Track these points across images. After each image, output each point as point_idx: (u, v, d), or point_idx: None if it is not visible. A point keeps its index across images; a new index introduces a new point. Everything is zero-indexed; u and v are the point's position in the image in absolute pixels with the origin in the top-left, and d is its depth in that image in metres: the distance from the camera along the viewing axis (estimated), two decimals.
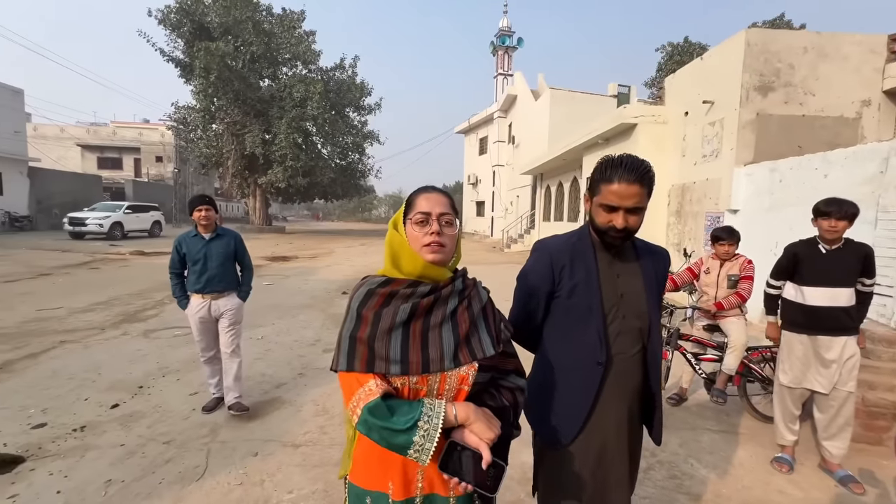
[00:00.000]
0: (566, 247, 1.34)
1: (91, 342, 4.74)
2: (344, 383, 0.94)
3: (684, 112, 7.89)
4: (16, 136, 20.34)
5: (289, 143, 21.83)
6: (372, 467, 0.98)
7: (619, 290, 1.30)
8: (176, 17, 21.42)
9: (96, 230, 16.74)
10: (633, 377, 1.31)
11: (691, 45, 25.08)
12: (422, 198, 1.01)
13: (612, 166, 1.22)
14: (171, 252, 3.06)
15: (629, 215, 1.21)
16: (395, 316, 0.94)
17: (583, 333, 1.29)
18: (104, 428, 2.91)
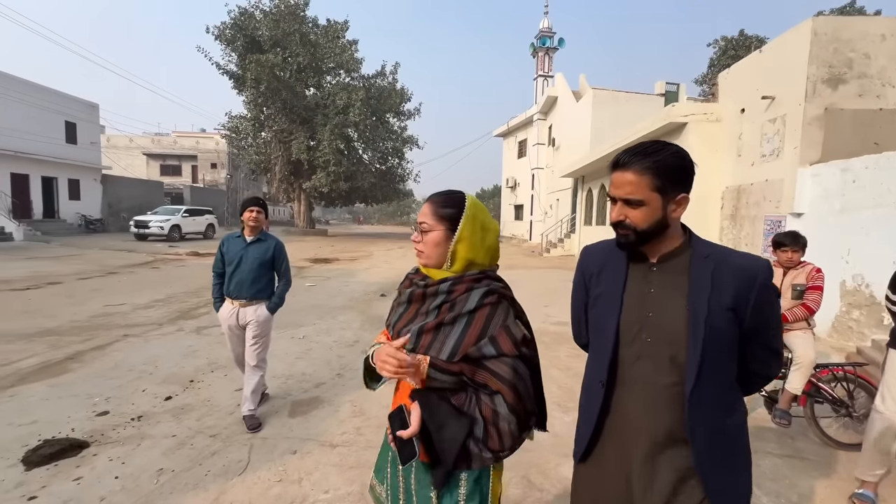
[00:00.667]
0: (601, 253, 1.22)
1: (150, 337, 5.07)
2: None
3: (740, 109, 7.38)
4: (91, 147, 22.39)
5: (332, 149, 22.58)
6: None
7: (648, 307, 1.07)
8: (230, 32, 22.78)
9: (157, 232, 18.05)
10: (660, 416, 1.04)
11: (747, 38, 23.60)
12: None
13: (617, 156, 1.07)
14: (218, 250, 3.07)
15: (625, 208, 1.04)
16: (402, 296, 1.24)
17: (596, 348, 1.18)
18: (158, 418, 3.08)
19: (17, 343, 4.64)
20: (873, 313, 4.75)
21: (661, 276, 1.09)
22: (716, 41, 25.01)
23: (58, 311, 6.11)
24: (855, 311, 4.98)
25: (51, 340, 4.78)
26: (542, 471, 2.57)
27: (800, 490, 2.49)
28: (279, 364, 4.28)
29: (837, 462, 2.79)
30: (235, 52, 23.37)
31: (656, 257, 1.11)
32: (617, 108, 16.43)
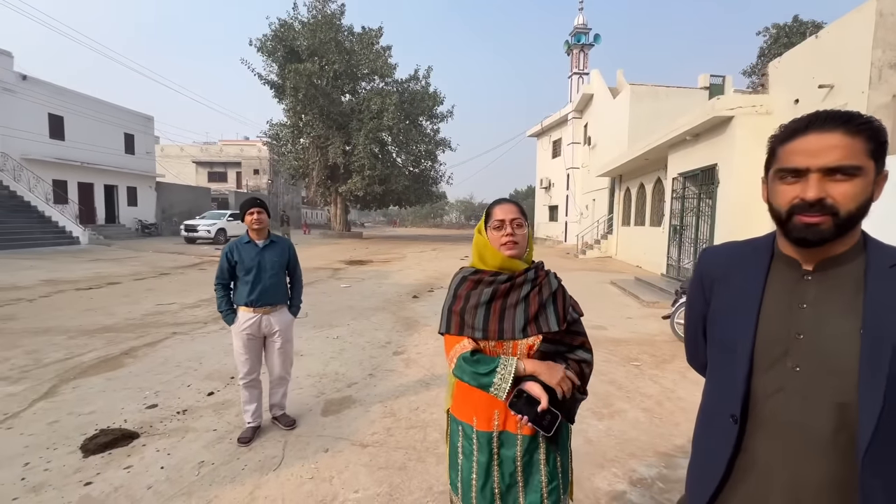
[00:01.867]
0: (728, 254, 0.99)
1: (196, 335, 5.35)
2: (446, 342, 1.33)
3: (794, 100, 6.88)
4: (147, 156, 24.06)
5: (366, 154, 23.08)
6: (464, 403, 1.34)
7: (798, 325, 0.83)
8: (271, 44, 23.79)
9: (205, 236, 19.12)
10: (809, 467, 0.80)
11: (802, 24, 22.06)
12: (497, 209, 1.34)
13: (800, 121, 0.82)
14: (220, 261, 2.81)
15: (830, 182, 0.76)
16: (480, 296, 1.29)
17: (723, 375, 0.92)
18: (201, 413, 3.23)
19: (80, 339, 5.03)
20: None
21: (821, 288, 0.84)
22: (766, 29, 23.55)
23: (116, 309, 6.57)
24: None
25: (109, 336, 5.15)
26: (576, 481, 2.48)
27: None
28: (314, 363, 4.39)
29: None
30: (276, 63, 24.37)
31: (814, 263, 0.85)
32: (657, 103, 15.78)
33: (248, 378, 2.86)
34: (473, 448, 1.30)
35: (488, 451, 1.28)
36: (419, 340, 5.26)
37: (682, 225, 10.03)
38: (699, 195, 9.11)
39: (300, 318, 5.83)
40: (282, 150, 27.54)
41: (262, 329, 2.82)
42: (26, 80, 17.99)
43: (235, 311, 2.81)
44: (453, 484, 1.37)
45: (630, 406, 3.47)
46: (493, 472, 1.28)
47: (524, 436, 1.27)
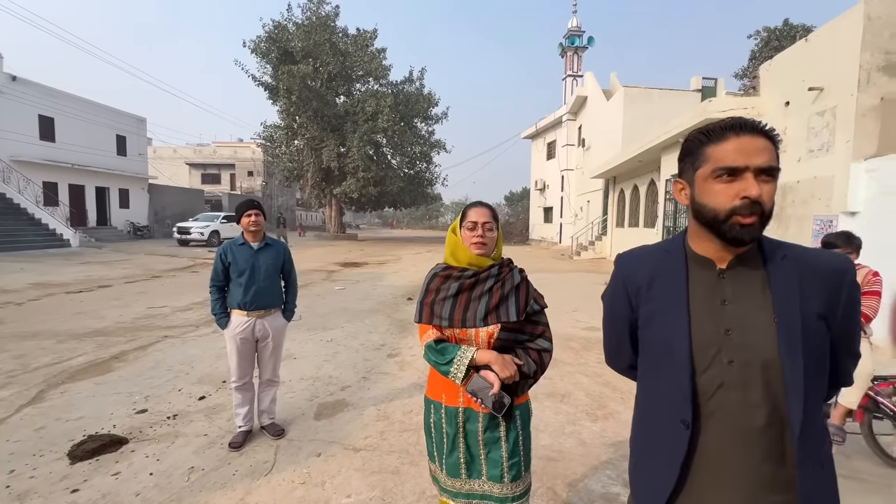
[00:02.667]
0: (647, 261, 1.01)
1: (187, 338, 5.29)
2: (419, 329, 1.53)
3: (785, 102, 6.95)
4: (139, 158, 23.86)
5: (361, 156, 23.04)
6: (435, 384, 1.54)
7: (725, 322, 0.88)
8: (265, 45, 23.72)
9: (198, 238, 18.96)
10: (757, 453, 0.85)
11: (792, 27, 22.34)
12: (472, 211, 1.49)
13: (720, 125, 0.86)
14: (214, 262, 2.77)
15: (762, 181, 0.81)
16: (448, 290, 1.46)
17: (662, 379, 0.94)
18: (192, 417, 3.19)
19: (69, 342, 4.96)
20: None
21: (735, 285, 0.89)
22: (757, 32, 23.82)
23: (106, 312, 6.49)
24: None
25: (99, 340, 5.08)
26: (570, 482, 2.48)
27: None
28: (307, 366, 4.36)
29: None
30: (270, 64, 24.30)
31: (727, 262, 0.91)
32: (650, 105, 15.89)
33: (241, 381, 2.83)
34: (443, 422, 1.50)
35: (455, 424, 1.48)
36: (413, 343, 5.23)
37: (675, 226, 10.09)
38: None
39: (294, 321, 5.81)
40: (276, 152, 27.43)
41: (255, 333, 2.78)
42: (16, 81, 17.79)
43: (229, 315, 2.78)
44: (430, 453, 1.58)
45: (624, 408, 3.47)
46: (459, 443, 1.47)
47: (485, 413, 1.45)
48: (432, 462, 1.59)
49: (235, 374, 2.81)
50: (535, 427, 3.10)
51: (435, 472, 1.58)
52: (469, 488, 1.48)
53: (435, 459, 1.56)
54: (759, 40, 23.46)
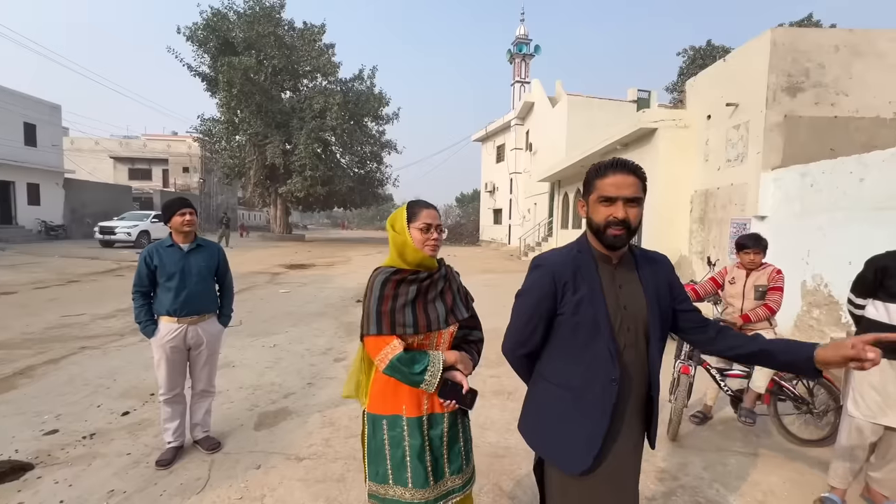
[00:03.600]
0: (568, 261, 1.28)
1: (109, 349, 4.82)
2: (372, 343, 1.41)
3: (707, 115, 7.63)
4: (53, 150, 21.39)
5: (308, 154, 22.23)
6: (387, 398, 1.45)
7: (622, 301, 1.25)
8: (203, 33, 22.23)
9: (125, 238, 17.34)
10: (640, 388, 1.28)
11: (714, 48, 24.55)
12: (425, 212, 1.46)
13: (605, 164, 1.23)
14: (139, 266, 2.56)
15: (628, 207, 1.18)
16: (407, 295, 1.41)
17: (592, 350, 1.23)
18: (112, 436, 2.91)
19: None
20: (832, 312, 4.94)
21: (623, 273, 1.29)
22: (685, 50, 25.93)
23: (9, 322, 5.76)
24: (815, 311, 5.17)
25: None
26: (515, 478, 2.55)
27: (763, 488, 2.54)
28: (247, 374, 4.13)
29: (800, 458, 2.87)
30: (208, 54, 22.81)
31: (618, 258, 1.29)
32: (591, 113, 16.77)
33: (171, 394, 2.62)
34: (404, 434, 1.42)
35: (420, 435, 1.43)
36: None
37: None
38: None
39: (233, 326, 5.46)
40: (215, 148, 25.78)
41: (187, 341, 2.59)
42: None
43: (156, 322, 2.56)
44: (380, 476, 1.45)
45: None
46: (426, 452, 1.43)
47: (449, 413, 1.49)
48: (384, 484, 1.44)
49: (165, 386, 2.60)
50: (482, 425, 3.17)
51: (390, 494, 1.43)
52: (437, 493, 1.44)
53: (389, 479, 1.42)
54: (687, 58, 25.55)
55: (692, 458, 2.82)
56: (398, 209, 1.51)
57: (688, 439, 3.08)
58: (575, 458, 1.23)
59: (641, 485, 2.48)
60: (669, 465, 2.75)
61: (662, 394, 3.85)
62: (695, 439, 3.09)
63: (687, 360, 3.08)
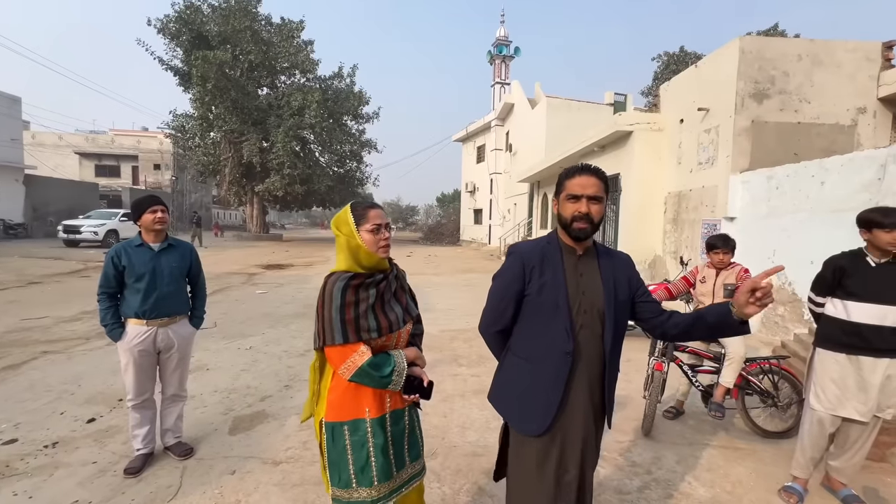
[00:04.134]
0: (537, 249, 1.48)
1: (74, 353, 4.62)
2: (336, 352, 1.38)
3: (679, 119, 7.87)
4: (12, 144, 20.30)
5: (286, 152, 21.80)
6: (347, 403, 1.44)
7: (582, 287, 1.43)
8: (175, 26, 21.52)
9: (91, 238, 16.63)
10: (595, 366, 1.44)
11: (687, 54, 25.27)
12: (373, 213, 1.45)
13: (573, 168, 1.45)
14: (105, 266, 2.45)
15: (591, 203, 1.38)
16: (367, 300, 1.41)
17: (552, 327, 1.41)
18: (77, 444, 2.79)
19: None
20: (796, 309, 5.17)
21: (585, 264, 1.47)
22: (659, 56, 26.61)
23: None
24: (780, 308, 5.41)
25: None
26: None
27: (732, 479, 2.64)
28: (222, 378, 4.03)
29: (766, 450, 2.99)
30: (180, 48, 22.10)
31: (582, 250, 1.47)
32: (570, 115, 17.06)
33: (139, 399, 2.51)
34: (368, 436, 1.43)
35: (383, 433, 1.46)
36: None
37: None
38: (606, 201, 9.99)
39: (207, 328, 5.32)
40: (188, 144, 24.99)
41: (157, 344, 2.49)
42: None
43: (123, 325, 2.45)
44: (342, 481, 1.44)
45: None
46: (389, 449, 1.47)
47: (409, 406, 1.57)
48: (347, 489, 1.43)
49: (133, 391, 2.50)
50: (462, 425, 3.18)
51: (355, 497, 1.43)
52: (400, 481, 1.52)
53: (353, 483, 1.42)
54: (661, 63, 26.24)
55: (665, 452, 2.91)
56: (341, 211, 1.47)
57: (662, 434, 3.17)
58: (534, 421, 1.42)
59: (616, 479, 2.56)
60: (644, 459, 2.82)
61: (632, 385, 3.92)
62: (668, 434, 3.18)
63: (660, 357, 3.17)
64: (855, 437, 2.36)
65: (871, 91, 6.38)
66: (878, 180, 4.25)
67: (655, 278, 8.15)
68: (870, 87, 6.37)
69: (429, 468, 2.61)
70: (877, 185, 4.25)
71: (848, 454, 2.40)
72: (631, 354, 5.11)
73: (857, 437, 2.36)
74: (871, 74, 6.36)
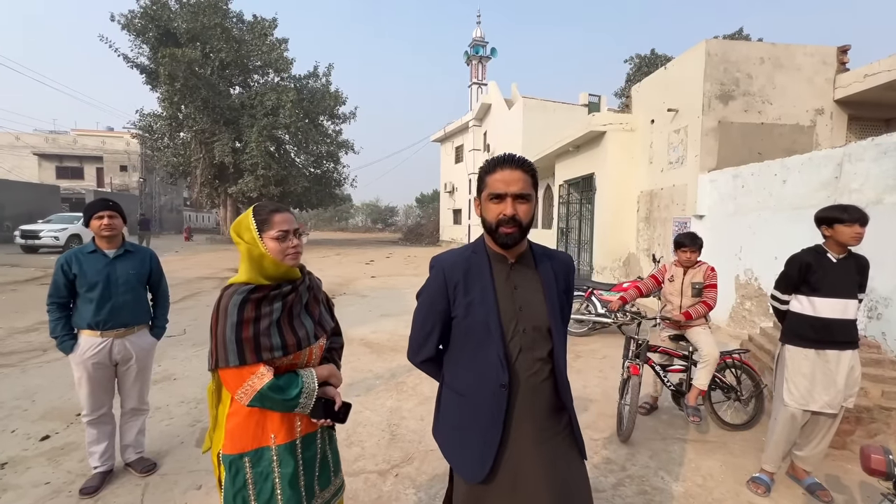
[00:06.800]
0: (460, 261, 1.24)
1: (29, 366, 4.36)
2: (232, 375, 1.19)
3: (650, 120, 8.06)
4: None
5: (260, 152, 21.28)
6: (248, 432, 1.25)
7: (517, 302, 1.20)
8: (140, 22, 20.71)
9: (52, 243, 15.81)
10: (543, 393, 1.20)
11: (658, 56, 25.99)
12: (278, 217, 1.26)
13: (494, 161, 1.20)
14: (54, 274, 2.29)
15: (517, 203, 1.15)
16: (271, 315, 1.23)
17: (483, 355, 1.19)
18: (29, 464, 2.62)
19: None
20: (762, 304, 5.36)
21: (519, 273, 1.24)
22: (631, 58, 27.28)
23: None
24: (747, 302, 5.59)
25: None
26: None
27: (703, 472, 2.69)
28: (189, 387, 3.87)
29: (733, 442, 3.07)
30: (147, 44, 21.29)
31: (514, 258, 1.24)
32: (546, 115, 17.27)
33: (96, 414, 2.38)
34: (273, 466, 1.26)
35: (293, 461, 1.29)
36: None
37: (567, 227, 11.07)
38: (581, 200, 10.16)
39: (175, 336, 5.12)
40: (157, 145, 24.08)
41: (113, 356, 2.36)
42: None
43: (75, 337, 2.31)
44: None
45: None
46: (299, 478, 1.30)
47: (322, 429, 1.40)
48: None
49: (88, 406, 2.36)
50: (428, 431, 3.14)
51: None
52: None
53: None
54: (633, 65, 26.91)
55: (639, 448, 2.95)
56: (243, 214, 1.29)
57: (636, 430, 3.21)
58: (472, 466, 1.18)
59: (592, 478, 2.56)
60: (618, 455, 2.85)
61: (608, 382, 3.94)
62: (642, 430, 3.23)
63: (635, 360, 3.13)
64: (821, 427, 2.44)
65: (828, 93, 6.68)
66: (835, 178, 4.44)
67: (630, 275, 8.32)
68: (827, 89, 6.67)
69: (405, 474, 2.58)
70: (834, 183, 4.44)
71: (812, 443, 2.49)
72: (607, 351, 5.21)
73: (823, 428, 2.44)
74: (827, 77, 6.66)
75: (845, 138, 6.80)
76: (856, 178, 4.15)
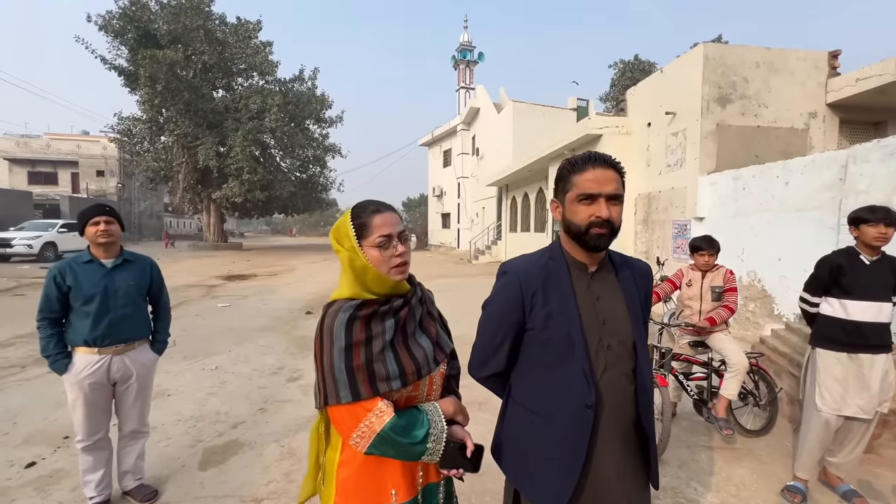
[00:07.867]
0: (537, 268, 1.14)
1: (7, 384, 4.05)
2: (344, 414, 0.96)
3: (647, 123, 8.10)
4: None
5: (245, 156, 20.82)
6: (365, 487, 1.03)
7: (601, 315, 1.10)
8: (119, 23, 20.12)
9: (24, 252, 15.13)
10: (627, 414, 1.11)
11: (641, 62, 26.48)
12: (378, 219, 1.03)
13: (582, 158, 1.10)
14: (46, 286, 2.09)
15: (611, 205, 1.06)
16: (383, 335, 1.01)
17: (565, 372, 1.08)
18: (13, 495, 2.37)
19: None
20: (765, 305, 5.37)
21: (601, 284, 1.14)
22: (615, 63, 27.74)
23: None
24: (751, 304, 5.60)
25: None
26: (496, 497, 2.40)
27: (735, 481, 2.61)
28: (186, 404, 3.64)
29: (761, 448, 3.00)
30: (126, 46, 20.69)
31: (595, 265, 1.15)
32: (535, 119, 17.36)
33: (92, 439, 2.16)
34: None
35: None
36: None
37: None
38: None
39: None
40: (136, 149, 23.38)
41: (112, 375, 2.15)
42: None
43: (70, 355, 2.10)
44: None
45: None
46: None
47: (444, 478, 1.16)
48: None
49: (83, 431, 2.14)
50: None
51: None
52: None
53: None
54: (617, 70, 27.35)
55: (667, 457, 2.85)
56: (342, 217, 1.09)
57: None
58: (549, 494, 1.07)
59: None
60: None
61: None
62: None
63: (659, 370, 3.00)
64: (855, 433, 2.38)
65: (820, 97, 6.80)
66: (839, 180, 4.47)
67: None
68: (819, 93, 6.80)
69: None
70: (839, 184, 4.47)
71: (846, 449, 2.43)
72: None
73: (857, 434, 2.38)
74: (819, 81, 6.79)
75: (837, 141, 6.94)
76: (862, 179, 4.18)
